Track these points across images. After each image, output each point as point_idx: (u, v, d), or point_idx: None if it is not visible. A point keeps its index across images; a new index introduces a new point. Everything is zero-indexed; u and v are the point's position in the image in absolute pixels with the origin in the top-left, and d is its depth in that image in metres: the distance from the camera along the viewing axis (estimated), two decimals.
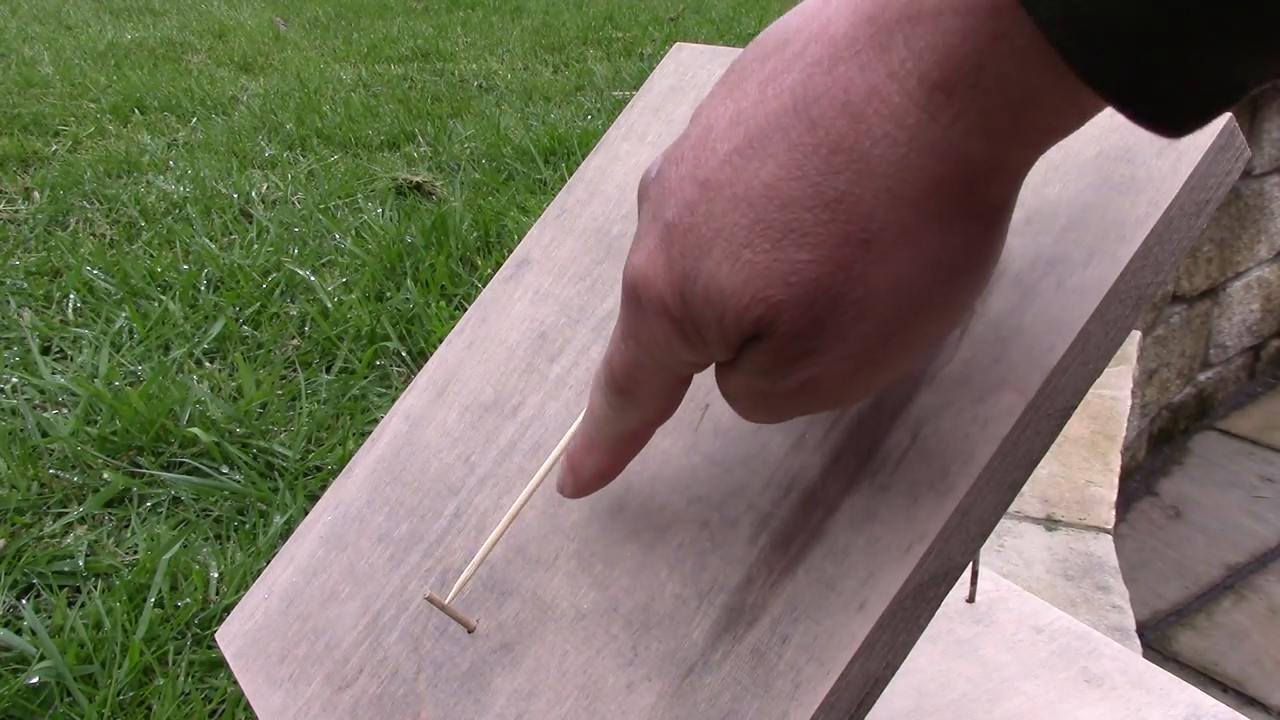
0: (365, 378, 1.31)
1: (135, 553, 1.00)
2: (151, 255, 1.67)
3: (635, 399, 0.30)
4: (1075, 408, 0.31)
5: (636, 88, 2.70)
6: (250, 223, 1.82)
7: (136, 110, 2.54)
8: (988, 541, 1.08)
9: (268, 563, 0.55)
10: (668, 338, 0.27)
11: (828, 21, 0.24)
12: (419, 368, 1.33)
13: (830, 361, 0.25)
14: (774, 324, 0.25)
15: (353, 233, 1.74)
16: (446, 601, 0.38)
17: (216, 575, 0.96)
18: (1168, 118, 0.22)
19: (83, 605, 0.93)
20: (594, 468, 0.33)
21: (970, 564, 0.47)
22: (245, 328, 1.44)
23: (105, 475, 1.10)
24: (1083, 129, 0.33)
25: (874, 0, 0.23)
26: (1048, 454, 0.52)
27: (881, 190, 0.23)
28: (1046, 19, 0.20)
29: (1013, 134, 0.23)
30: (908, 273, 0.24)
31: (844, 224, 0.24)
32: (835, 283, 0.24)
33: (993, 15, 0.21)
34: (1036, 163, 0.33)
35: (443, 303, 1.48)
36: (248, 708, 0.82)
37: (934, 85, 0.22)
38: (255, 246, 1.69)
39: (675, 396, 0.31)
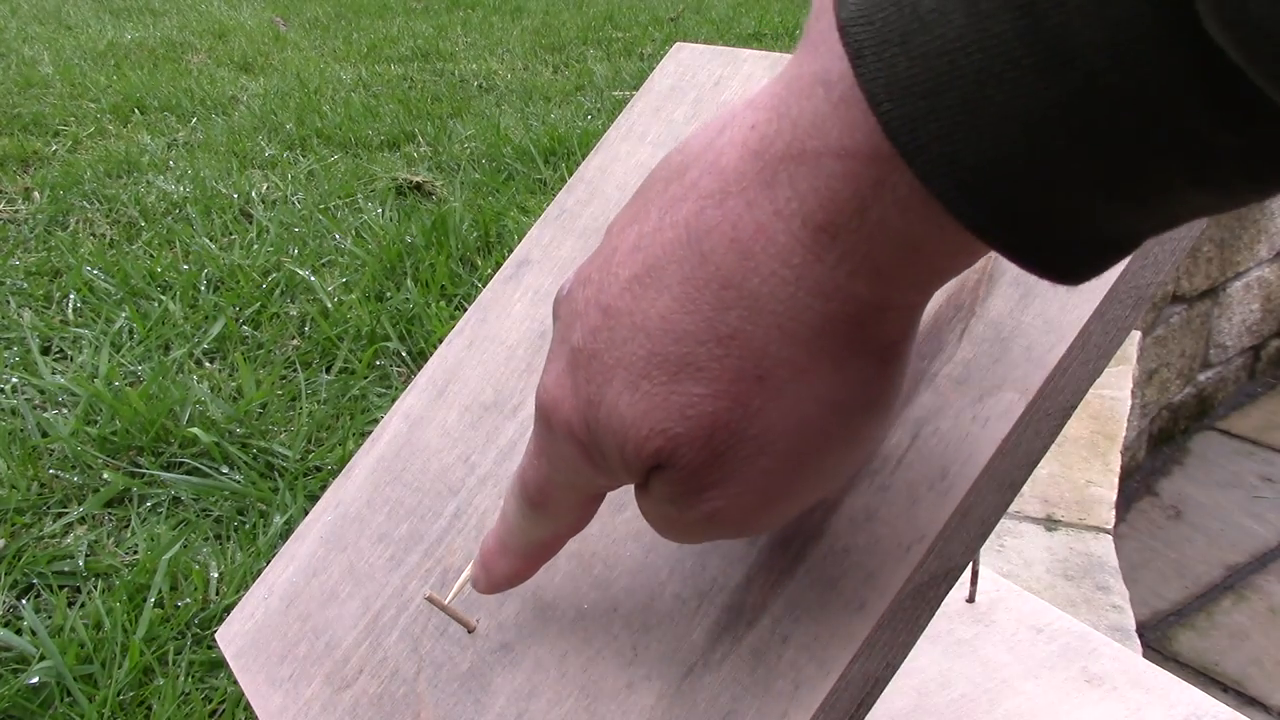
0: (365, 378, 1.31)
1: (135, 553, 1.00)
2: (151, 255, 1.67)
3: (546, 513, 0.30)
4: (1075, 408, 0.31)
5: (636, 88, 2.70)
6: (250, 223, 1.82)
7: (136, 110, 2.54)
8: (988, 541, 1.08)
9: (268, 563, 0.55)
10: (576, 461, 0.27)
11: (720, 153, 0.24)
12: (419, 368, 1.33)
13: (734, 495, 0.25)
14: (673, 456, 0.25)
15: (353, 233, 1.74)
16: (446, 601, 0.38)
17: (216, 575, 0.96)
18: (1057, 269, 0.21)
19: (83, 605, 0.93)
20: (505, 570, 0.33)
21: (970, 564, 0.47)
22: (245, 328, 1.44)
23: (105, 475, 1.10)
24: None
25: (760, 136, 0.23)
26: (1048, 454, 0.52)
27: (772, 328, 0.23)
28: (927, 170, 0.20)
29: (900, 276, 0.23)
30: (805, 410, 0.24)
31: (738, 360, 0.23)
32: (732, 418, 0.24)
33: (873, 161, 0.21)
34: None
35: (443, 303, 1.48)
36: (248, 708, 0.82)
37: (818, 226, 0.22)
38: (255, 246, 1.69)
39: (587, 512, 0.31)
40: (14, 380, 1.28)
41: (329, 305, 1.47)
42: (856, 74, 0.20)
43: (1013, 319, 0.31)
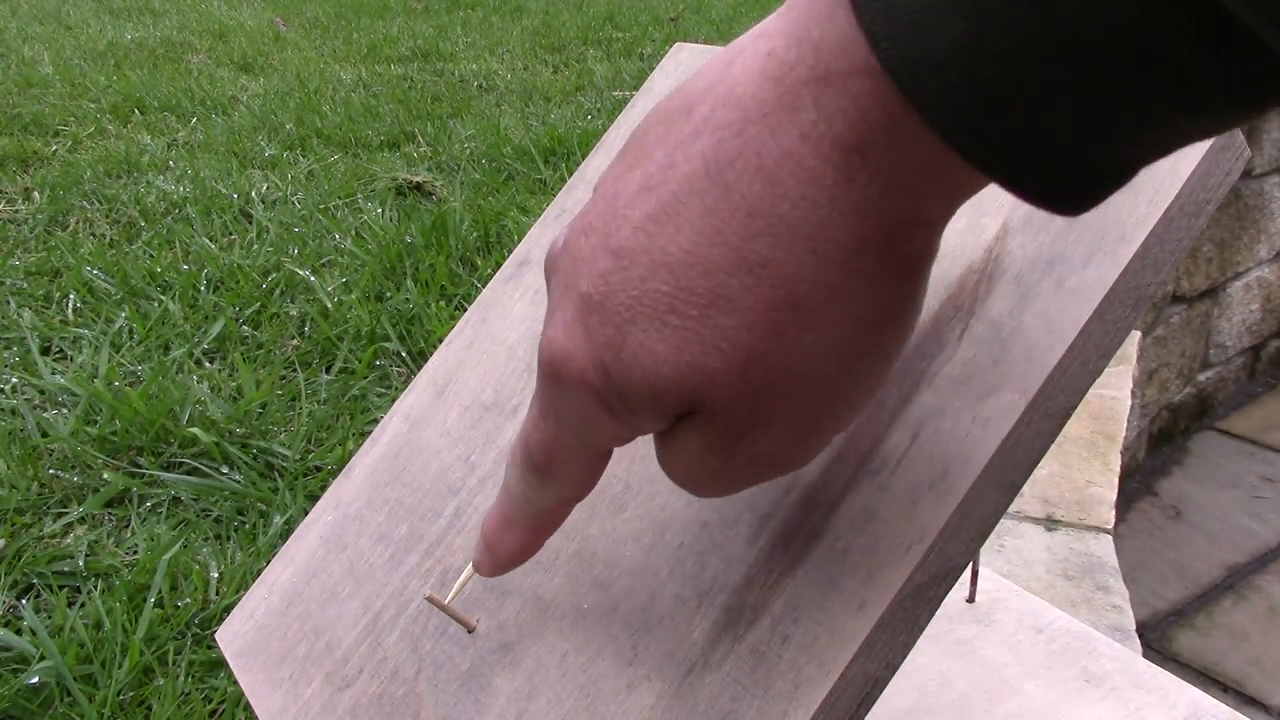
0: (365, 378, 1.31)
1: (135, 553, 1.00)
2: (151, 255, 1.67)
3: (554, 477, 0.29)
4: (1075, 408, 0.31)
5: (636, 88, 2.70)
6: (250, 223, 1.82)
7: (136, 110, 2.54)
8: (988, 541, 1.08)
9: (268, 563, 0.55)
10: (590, 412, 0.26)
11: (734, 84, 0.24)
12: (419, 368, 1.33)
13: (778, 430, 0.25)
14: (709, 394, 0.24)
15: (353, 233, 1.74)
16: (446, 601, 0.38)
17: (216, 575, 0.96)
18: (1055, 198, 0.22)
19: (83, 605, 0.93)
20: (512, 546, 0.32)
21: (970, 564, 0.47)
22: (245, 328, 1.44)
23: (105, 475, 1.10)
24: None
25: (779, 62, 0.23)
26: (1048, 454, 0.52)
27: (805, 252, 0.23)
28: (925, 105, 0.21)
29: (929, 192, 0.23)
30: (839, 332, 0.24)
31: (770, 288, 0.23)
32: (768, 349, 0.24)
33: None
34: None
35: (443, 303, 1.48)
36: (248, 708, 0.82)
37: (848, 148, 0.22)
38: (255, 246, 1.69)
39: (595, 473, 0.30)
40: (14, 380, 1.28)
41: (329, 305, 1.47)
42: (857, 14, 0.21)
43: (1013, 319, 0.31)
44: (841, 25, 0.22)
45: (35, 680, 0.84)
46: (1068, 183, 0.22)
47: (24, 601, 0.93)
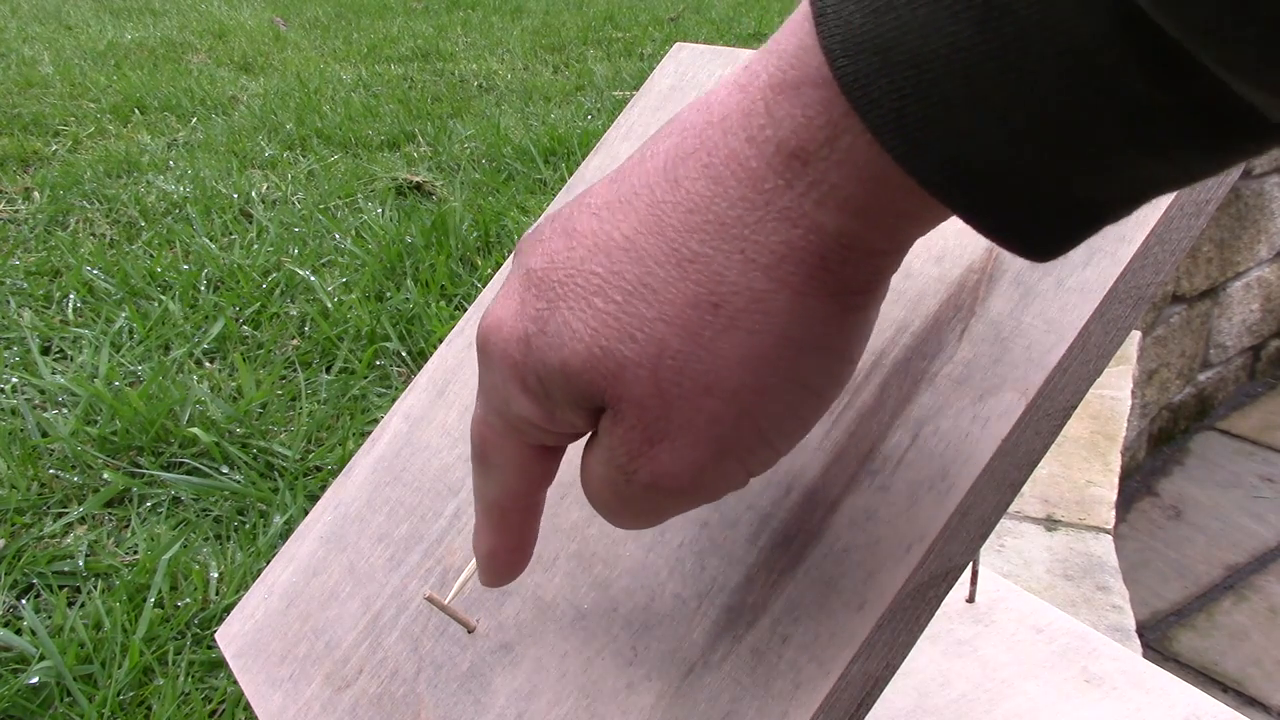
0: (365, 378, 1.31)
1: (135, 553, 1.00)
2: (151, 255, 1.67)
3: (490, 465, 0.29)
4: (1075, 408, 0.31)
5: (636, 88, 2.70)
6: (250, 223, 1.82)
7: (136, 110, 2.54)
8: (988, 541, 1.08)
9: (268, 563, 0.55)
10: (508, 390, 0.26)
11: (712, 92, 0.25)
12: (419, 368, 1.33)
13: (682, 447, 0.24)
14: (619, 384, 0.24)
15: (353, 233, 1.74)
16: (446, 601, 0.38)
17: (216, 575, 0.96)
18: (1014, 235, 0.21)
19: (83, 605, 0.93)
20: (485, 548, 0.31)
21: (970, 564, 0.47)
22: (245, 328, 1.44)
23: (105, 475, 1.10)
24: None
25: (748, 71, 0.24)
26: (1048, 454, 0.51)
27: (735, 253, 0.23)
28: (879, 125, 0.20)
29: (866, 211, 0.22)
30: (757, 343, 0.23)
31: (694, 284, 0.23)
32: (682, 346, 0.24)
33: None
34: None
35: (443, 303, 1.48)
36: (248, 708, 0.82)
37: (790, 153, 0.22)
38: (255, 246, 1.69)
39: (531, 466, 0.28)
40: (14, 380, 1.28)
41: (329, 305, 1.47)
42: (818, 30, 0.21)
43: (1013, 319, 0.31)
44: (804, 36, 0.22)
45: (35, 680, 0.84)
46: (1029, 218, 0.21)
47: (24, 601, 0.93)
